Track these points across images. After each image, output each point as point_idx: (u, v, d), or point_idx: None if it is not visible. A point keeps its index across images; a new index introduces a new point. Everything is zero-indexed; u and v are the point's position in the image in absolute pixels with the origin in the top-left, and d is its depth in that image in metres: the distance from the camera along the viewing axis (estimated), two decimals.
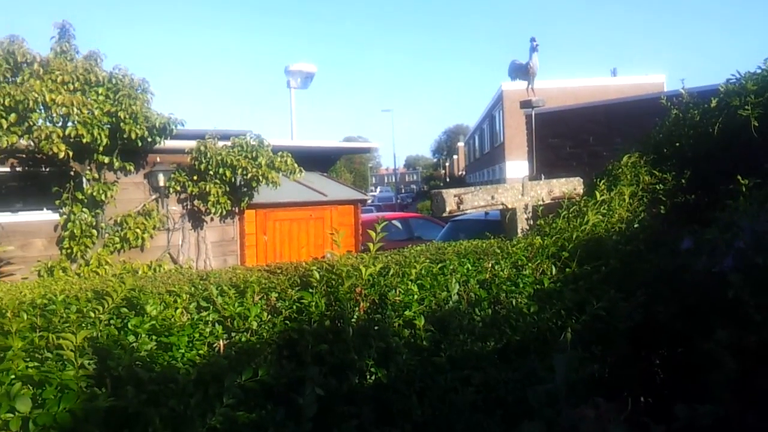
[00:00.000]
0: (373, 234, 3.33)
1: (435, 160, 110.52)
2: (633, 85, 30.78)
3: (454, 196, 4.61)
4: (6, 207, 8.17)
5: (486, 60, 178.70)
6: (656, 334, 4.32)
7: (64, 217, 8.08)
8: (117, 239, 8.34)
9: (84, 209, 8.07)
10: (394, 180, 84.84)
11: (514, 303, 3.91)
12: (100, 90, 7.92)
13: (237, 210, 9.60)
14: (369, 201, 27.33)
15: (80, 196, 8.08)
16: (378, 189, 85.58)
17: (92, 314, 2.57)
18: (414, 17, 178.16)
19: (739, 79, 5.44)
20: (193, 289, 3.01)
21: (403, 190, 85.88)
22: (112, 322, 2.68)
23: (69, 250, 7.94)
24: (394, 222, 16.20)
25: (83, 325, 2.50)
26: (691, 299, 4.19)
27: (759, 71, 5.35)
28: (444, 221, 16.92)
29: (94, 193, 8.10)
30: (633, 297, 4.21)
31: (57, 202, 8.09)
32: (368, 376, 3.18)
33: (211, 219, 9.44)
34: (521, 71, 11.27)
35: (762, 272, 3.90)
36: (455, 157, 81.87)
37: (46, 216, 8.26)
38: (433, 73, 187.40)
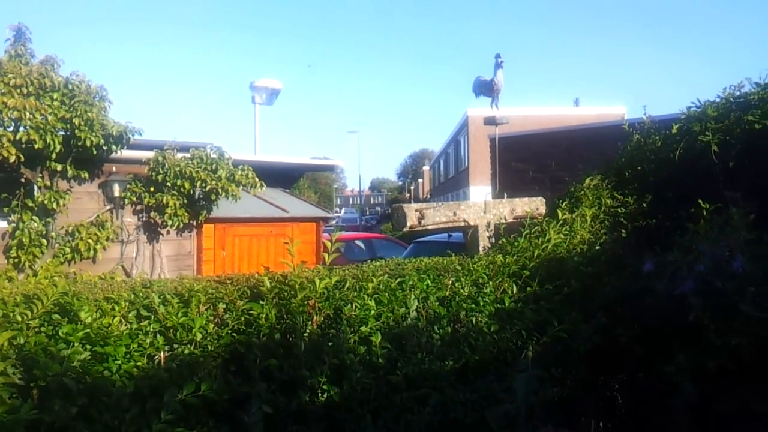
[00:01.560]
0: (328, 244, 3.20)
1: (400, 183, 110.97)
2: (594, 116, 31.25)
3: (416, 210, 4.51)
4: None
5: (452, 85, 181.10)
6: (617, 357, 4.25)
7: (13, 225, 7.75)
8: (68, 250, 8.03)
9: (34, 217, 7.75)
10: (359, 202, 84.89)
11: (474, 321, 3.81)
12: (55, 95, 7.65)
13: (195, 223, 9.35)
14: (334, 221, 27.12)
15: (30, 204, 7.77)
16: (343, 210, 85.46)
17: (19, 318, 2.37)
18: (380, 41, 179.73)
19: (700, 106, 5.49)
20: (132, 296, 2.82)
21: (367, 212, 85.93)
22: (43, 329, 2.49)
23: (17, 260, 7.60)
24: (356, 242, 16.10)
25: (8, 330, 2.30)
26: (652, 322, 4.15)
27: (719, 99, 5.41)
28: (407, 242, 16.89)
29: (45, 202, 7.81)
30: (594, 319, 4.15)
31: (6, 209, 7.76)
32: (320, 394, 3.03)
33: (168, 232, 9.17)
34: (486, 87, 11.30)
35: (721, 297, 3.87)
36: (420, 180, 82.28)
37: None
38: (399, 97, 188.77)
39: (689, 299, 3.92)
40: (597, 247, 4.95)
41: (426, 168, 77.43)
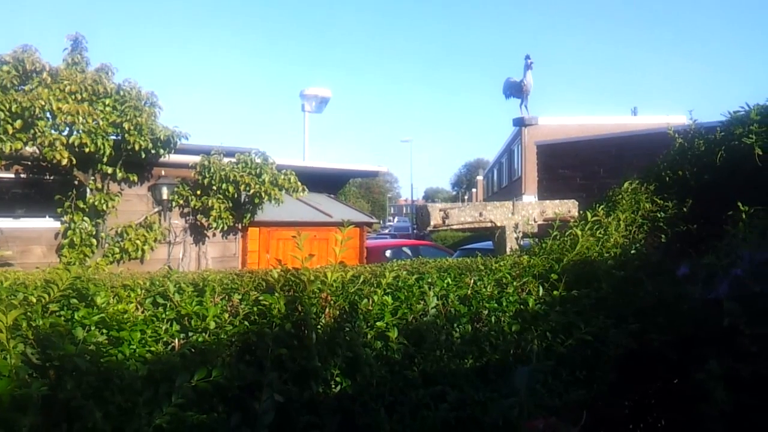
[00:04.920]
0: (338, 238, 3.23)
1: (454, 193, 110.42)
2: (653, 125, 30.41)
3: (440, 210, 4.50)
4: (8, 212, 8.21)
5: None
6: (650, 363, 4.16)
7: (65, 225, 8.10)
8: (116, 250, 8.34)
9: (85, 218, 8.09)
10: (412, 211, 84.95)
11: (494, 321, 3.78)
12: (107, 101, 8.00)
13: (240, 226, 9.57)
14: (379, 225, 27.14)
15: (82, 205, 8.11)
16: (396, 219, 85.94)
17: (34, 300, 2.50)
18: (434, 50, 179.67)
19: (749, 110, 5.35)
20: (149, 284, 2.93)
21: None
22: (62, 313, 2.61)
23: (68, 259, 7.94)
24: (404, 249, 16.14)
25: (27, 312, 2.42)
26: (687, 328, 4.05)
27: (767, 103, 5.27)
28: (453, 249, 16.84)
29: (96, 203, 8.13)
30: (625, 323, 4.07)
31: (59, 210, 8.12)
32: (333, 386, 3.06)
33: (213, 234, 9.42)
34: (515, 89, 11.19)
35: (759, 301, 3.75)
36: (474, 190, 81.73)
37: (48, 223, 8.29)
38: (455, 106, 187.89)
39: (724, 304, 3.81)
40: (632, 252, 4.85)
41: (480, 177, 76.87)
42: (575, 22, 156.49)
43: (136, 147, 7.95)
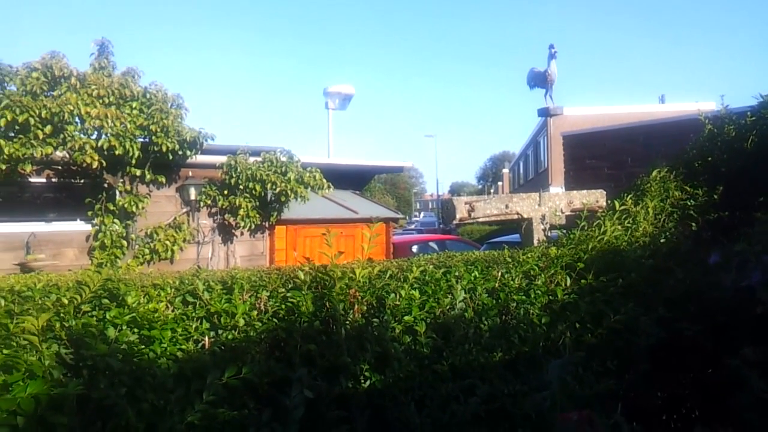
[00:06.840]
0: (366, 234, 3.23)
1: (480, 186, 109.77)
2: (681, 112, 29.94)
3: (465, 203, 4.48)
4: (40, 217, 8.36)
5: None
6: (682, 352, 4.10)
7: (96, 227, 8.23)
8: (147, 251, 8.45)
9: (115, 220, 8.21)
10: (438, 206, 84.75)
11: (523, 313, 3.76)
12: (134, 104, 8.10)
13: (267, 225, 9.65)
14: (405, 221, 27.08)
15: (112, 208, 8.23)
16: (422, 214, 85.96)
17: (66, 301, 2.54)
18: (455, 45, 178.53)
19: None
20: (178, 283, 2.97)
21: None
22: (94, 313, 2.66)
23: (99, 261, 8.06)
24: (430, 243, 16.11)
25: (60, 313, 2.47)
26: (719, 316, 3.98)
27: None
28: (480, 243, 16.77)
29: (126, 205, 8.25)
30: (654, 312, 4.02)
31: (89, 213, 8.25)
32: (363, 381, 3.07)
33: (241, 233, 9.50)
34: (539, 79, 11.03)
35: None
36: (500, 183, 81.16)
37: (79, 226, 8.43)
38: (479, 99, 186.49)
39: (757, 291, 3.74)
40: (662, 240, 4.78)
41: (506, 170, 76.31)
42: (599, 12, 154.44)
43: (164, 149, 8.05)
